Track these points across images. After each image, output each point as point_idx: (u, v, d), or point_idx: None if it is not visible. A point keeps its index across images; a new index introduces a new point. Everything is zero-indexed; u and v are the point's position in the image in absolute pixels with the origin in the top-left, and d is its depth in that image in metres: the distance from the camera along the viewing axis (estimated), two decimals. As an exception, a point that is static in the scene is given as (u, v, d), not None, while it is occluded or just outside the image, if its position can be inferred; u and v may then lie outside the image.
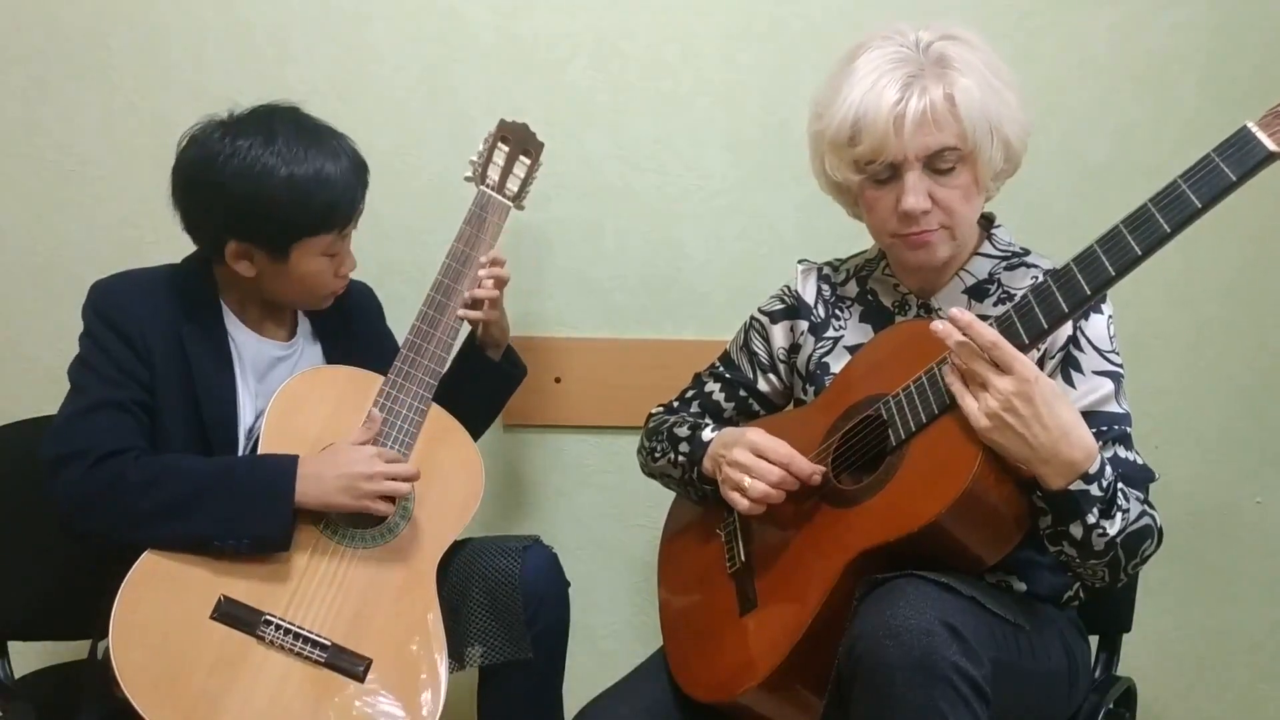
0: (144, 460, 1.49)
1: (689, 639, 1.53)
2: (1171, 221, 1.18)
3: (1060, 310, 1.25)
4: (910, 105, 1.34)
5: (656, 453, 1.62)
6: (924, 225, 1.40)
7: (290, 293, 1.62)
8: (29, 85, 1.99)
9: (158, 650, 1.43)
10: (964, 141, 1.36)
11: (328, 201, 1.54)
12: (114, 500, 1.46)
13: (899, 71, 1.36)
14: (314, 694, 1.46)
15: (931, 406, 1.32)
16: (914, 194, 1.38)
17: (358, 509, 1.53)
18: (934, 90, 1.35)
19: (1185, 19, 1.93)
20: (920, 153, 1.37)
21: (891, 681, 1.18)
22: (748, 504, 1.42)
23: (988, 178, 1.41)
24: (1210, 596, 2.06)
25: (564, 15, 1.97)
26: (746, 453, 1.42)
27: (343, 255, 1.62)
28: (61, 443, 1.49)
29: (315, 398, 1.61)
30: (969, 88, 1.35)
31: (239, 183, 1.51)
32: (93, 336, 1.55)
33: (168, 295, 1.59)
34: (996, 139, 1.38)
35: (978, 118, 1.35)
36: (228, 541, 1.48)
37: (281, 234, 1.54)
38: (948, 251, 1.44)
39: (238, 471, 1.51)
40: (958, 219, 1.41)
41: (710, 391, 1.66)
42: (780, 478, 1.39)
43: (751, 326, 1.65)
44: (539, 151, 1.79)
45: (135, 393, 1.52)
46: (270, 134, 1.53)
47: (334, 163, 1.55)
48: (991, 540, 1.32)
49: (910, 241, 1.42)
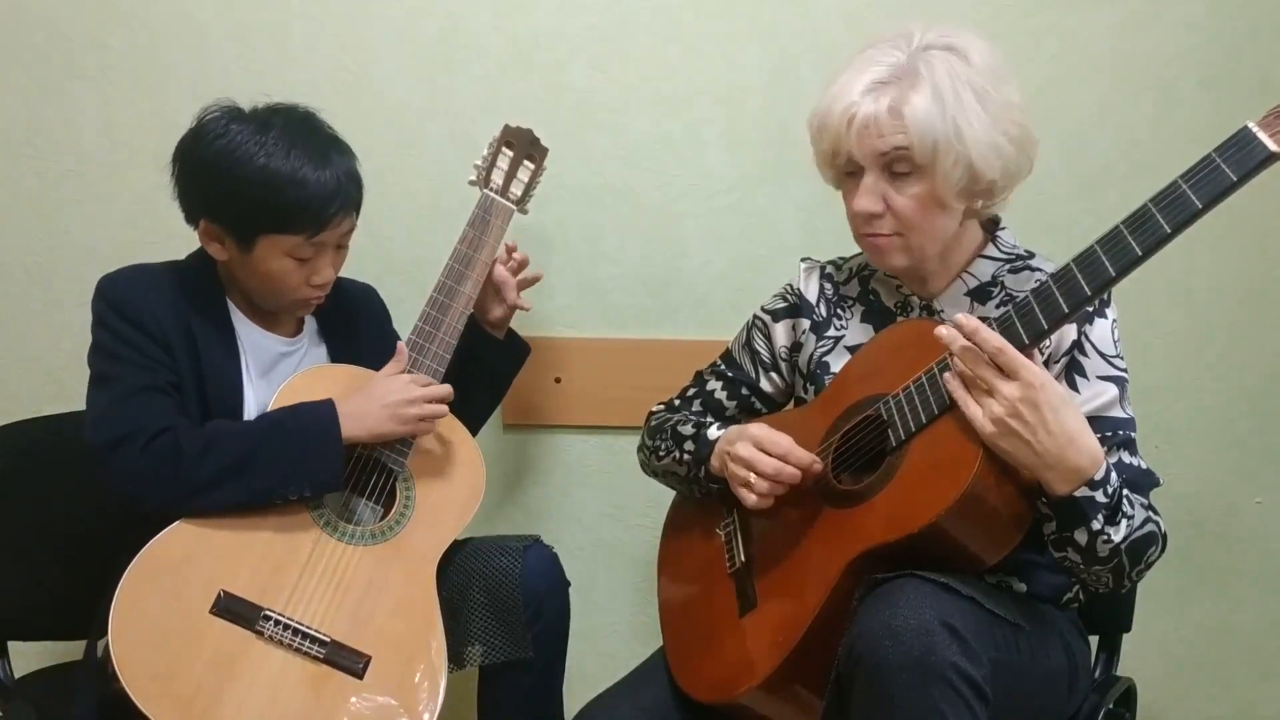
0: (192, 431, 1.51)
1: (689, 639, 1.53)
2: (1172, 222, 1.18)
3: (1060, 311, 1.25)
4: (861, 110, 1.36)
5: (660, 451, 1.62)
6: (876, 229, 1.42)
7: (257, 288, 1.61)
8: (29, 85, 2.00)
9: (157, 645, 1.43)
10: (915, 151, 1.35)
11: (298, 201, 1.53)
12: (174, 473, 1.47)
13: (871, 74, 1.37)
14: (313, 690, 1.46)
15: (932, 407, 1.32)
16: (865, 195, 1.40)
17: (406, 433, 1.59)
18: (884, 99, 1.35)
19: (1185, 19, 1.93)
20: (870, 156, 1.37)
21: (891, 681, 1.19)
22: (755, 499, 1.42)
23: (948, 194, 1.38)
24: (1210, 596, 2.06)
25: (564, 15, 1.97)
26: (748, 446, 1.42)
27: (318, 265, 1.59)
28: (111, 428, 1.49)
29: (318, 395, 1.61)
30: (918, 103, 1.34)
31: (217, 162, 1.53)
32: (109, 327, 1.55)
33: (175, 288, 1.60)
34: (952, 156, 1.34)
35: (924, 132, 1.34)
36: (288, 491, 1.51)
37: (247, 223, 1.54)
38: (902, 260, 1.44)
39: (285, 424, 1.54)
40: (911, 229, 1.40)
41: (713, 390, 1.66)
42: (776, 469, 1.39)
43: (754, 325, 1.65)
44: (543, 157, 1.79)
45: (166, 375, 1.54)
46: (266, 127, 1.54)
47: (317, 168, 1.54)
48: (991, 541, 1.32)
49: (866, 242, 1.45)
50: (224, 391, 1.59)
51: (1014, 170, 1.40)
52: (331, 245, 1.60)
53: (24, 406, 1.79)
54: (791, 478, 1.40)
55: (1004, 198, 1.43)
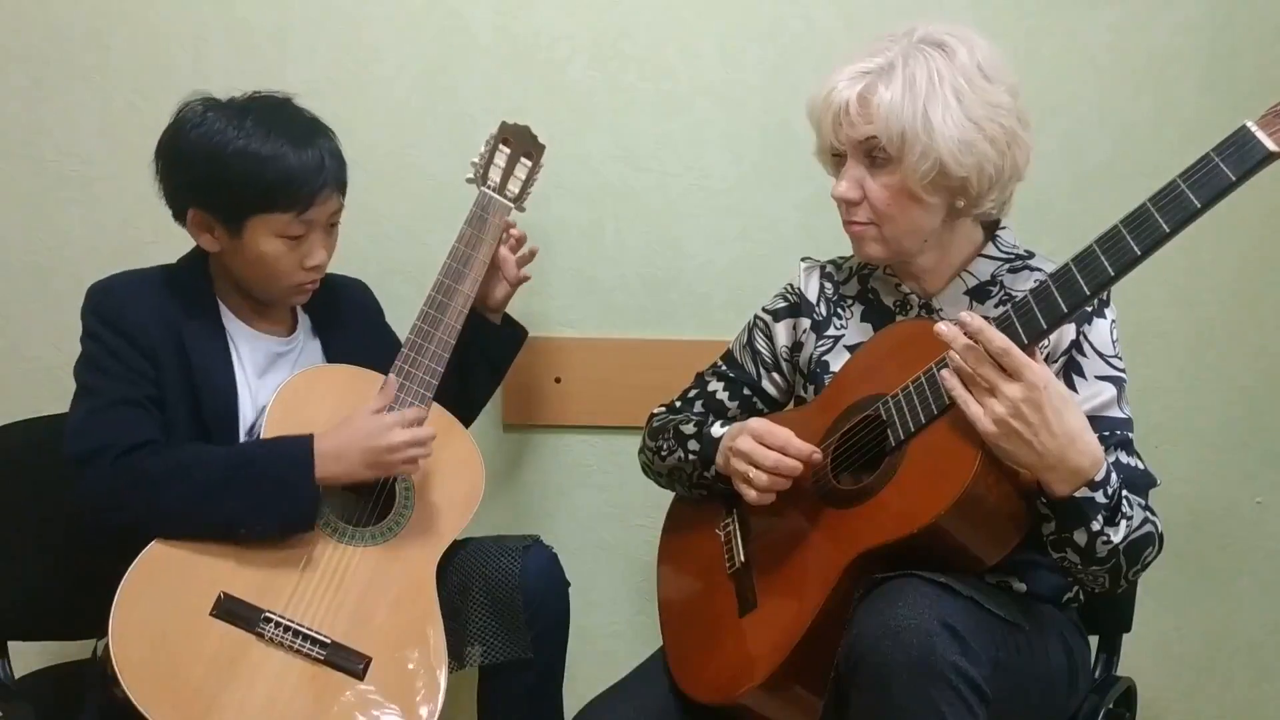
0: (164, 453, 1.50)
1: (688, 639, 1.53)
2: (1171, 221, 1.18)
3: (1059, 311, 1.25)
4: (837, 96, 1.39)
5: (663, 451, 1.62)
6: (853, 216, 1.45)
7: (251, 276, 1.61)
8: (29, 85, 2.00)
9: (157, 647, 1.43)
10: (883, 141, 1.38)
11: (282, 175, 1.52)
12: (140, 494, 1.47)
13: (859, 64, 1.40)
14: (313, 691, 1.46)
15: (931, 407, 1.32)
16: (844, 181, 1.43)
17: (384, 476, 1.56)
18: (858, 87, 1.38)
19: (1185, 19, 1.93)
20: (849, 143, 1.41)
21: (891, 682, 1.19)
22: (755, 494, 1.41)
23: (916, 186, 1.38)
24: (1210, 596, 2.06)
25: (564, 15, 1.97)
26: (747, 439, 1.42)
27: (310, 245, 1.59)
28: (84, 440, 1.49)
29: (316, 396, 1.61)
30: (885, 94, 1.36)
31: (199, 146, 1.53)
32: (95, 338, 1.56)
33: (165, 294, 1.59)
34: (919, 149, 1.35)
35: (891, 122, 1.36)
36: (255, 528, 1.49)
37: (234, 205, 1.54)
38: (878, 251, 1.45)
39: (257, 458, 1.52)
40: (885, 219, 1.42)
41: (714, 390, 1.66)
42: (776, 461, 1.39)
43: (756, 325, 1.65)
44: (540, 154, 1.79)
45: (147, 389, 1.53)
46: (244, 113, 1.55)
47: (298, 146, 1.54)
48: (991, 541, 1.32)
49: (847, 230, 1.47)
50: (217, 394, 1.58)
51: (991, 172, 1.38)
52: (321, 225, 1.59)
53: (24, 406, 1.79)
54: (791, 469, 1.39)
55: (994, 199, 1.42)
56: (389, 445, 1.53)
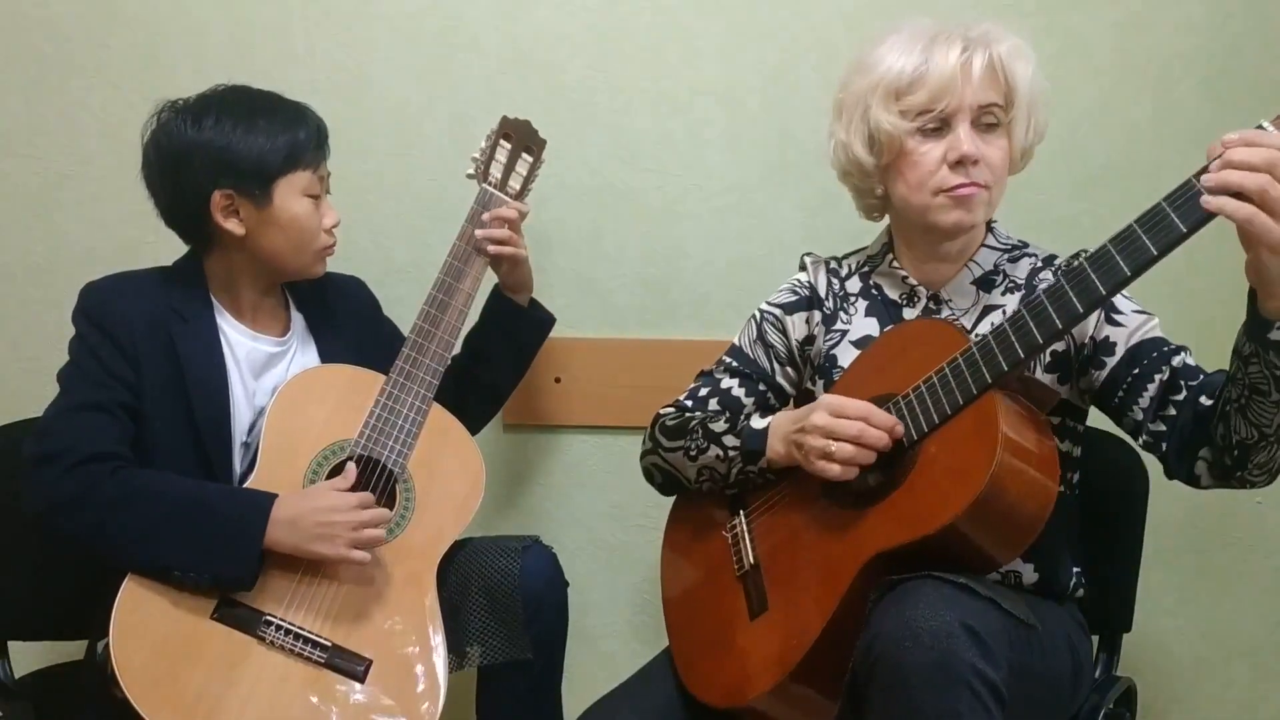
0: (121, 475, 1.47)
1: (697, 642, 1.52)
2: (1158, 245, 1.18)
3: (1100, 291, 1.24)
4: (976, 58, 1.41)
5: (693, 451, 1.54)
6: (973, 177, 1.43)
7: (283, 247, 1.60)
8: (29, 85, 1.99)
9: (158, 650, 1.43)
10: (1009, 106, 1.43)
11: (295, 127, 1.58)
12: (84, 511, 1.45)
13: (954, 35, 1.43)
14: (314, 694, 1.47)
15: (944, 406, 1.32)
16: (970, 141, 1.42)
17: (332, 559, 1.50)
18: (995, 49, 1.42)
19: (1187, 19, 1.92)
20: (976, 105, 1.42)
21: (910, 684, 1.17)
22: (838, 469, 1.35)
23: (1016, 154, 1.46)
24: (1210, 596, 2.06)
25: (564, 15, 1.97)
26: (824, 415, 1.37)
27: (324, 206, 1.63)
28: (43, 442, 1.49)
29: (315, 397, 1.61)
30: (1026, 56, 1.44)
31: (201, 135, 1.54)
32: (81, 338, 1.56)
33: (158, 295, 1.59)
34: (1032, 118, 1.45)
35: (1026, 88, 1.43)
36: (189, 575, 1.46)
37: (260, 172, 1.55)
38: (982, 215, 1.47)
39: (211, 503, 1.49)
40: (996, 180, 1.45)
41: (728, 387, 1.62)
42: (859, 431, 1.34)
43: (764, 319, 1.63)
44: (541, 149, 1.79)
45: (120, 394, 1.52)
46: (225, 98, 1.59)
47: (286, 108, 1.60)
48: (1005, 542, 1.31)
49: (956, 196, 1.43)
50: (209, 395, 1.57)
51: (1038, 142, 1.50)
52: (324, 186, 1.64)
53: (24, 406, 1.78)
54: (876, 439, 1.34)
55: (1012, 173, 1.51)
56: (348, 523, 1.50)
